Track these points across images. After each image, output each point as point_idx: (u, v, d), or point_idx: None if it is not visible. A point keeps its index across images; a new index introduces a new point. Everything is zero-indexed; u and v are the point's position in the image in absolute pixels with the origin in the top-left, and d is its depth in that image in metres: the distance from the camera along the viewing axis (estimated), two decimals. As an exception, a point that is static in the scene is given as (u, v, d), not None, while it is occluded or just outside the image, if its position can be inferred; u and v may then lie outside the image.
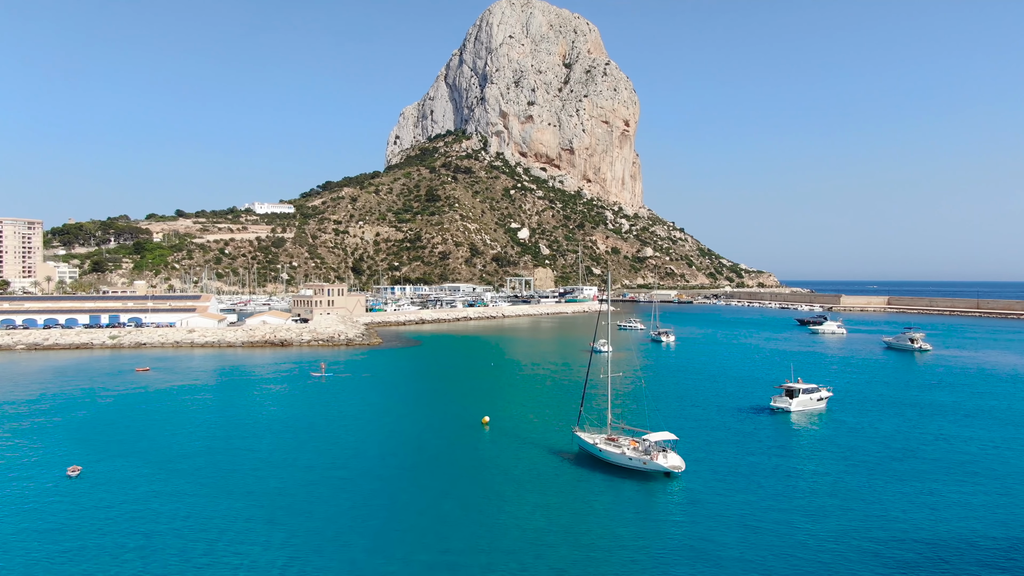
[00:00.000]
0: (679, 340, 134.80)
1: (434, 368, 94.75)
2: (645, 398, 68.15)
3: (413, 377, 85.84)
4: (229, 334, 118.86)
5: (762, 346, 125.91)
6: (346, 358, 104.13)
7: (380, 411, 63.83)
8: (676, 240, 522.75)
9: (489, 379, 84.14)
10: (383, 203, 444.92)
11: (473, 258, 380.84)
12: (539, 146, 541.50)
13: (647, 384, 75.62)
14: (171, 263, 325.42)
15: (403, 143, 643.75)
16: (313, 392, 74.10)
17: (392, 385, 79.18)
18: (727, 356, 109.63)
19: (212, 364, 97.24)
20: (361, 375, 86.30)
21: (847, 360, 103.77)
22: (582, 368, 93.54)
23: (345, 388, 76.55)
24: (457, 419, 60.08)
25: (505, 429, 56.27)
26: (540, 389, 76.71)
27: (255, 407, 65.58)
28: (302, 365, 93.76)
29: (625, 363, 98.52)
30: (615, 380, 75.20)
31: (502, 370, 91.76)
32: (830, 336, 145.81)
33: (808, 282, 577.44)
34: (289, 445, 51.00)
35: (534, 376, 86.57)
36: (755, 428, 56.78)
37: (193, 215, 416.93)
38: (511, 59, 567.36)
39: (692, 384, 79.94)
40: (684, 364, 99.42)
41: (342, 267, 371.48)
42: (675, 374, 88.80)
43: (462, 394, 73.27)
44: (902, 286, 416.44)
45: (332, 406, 66.15)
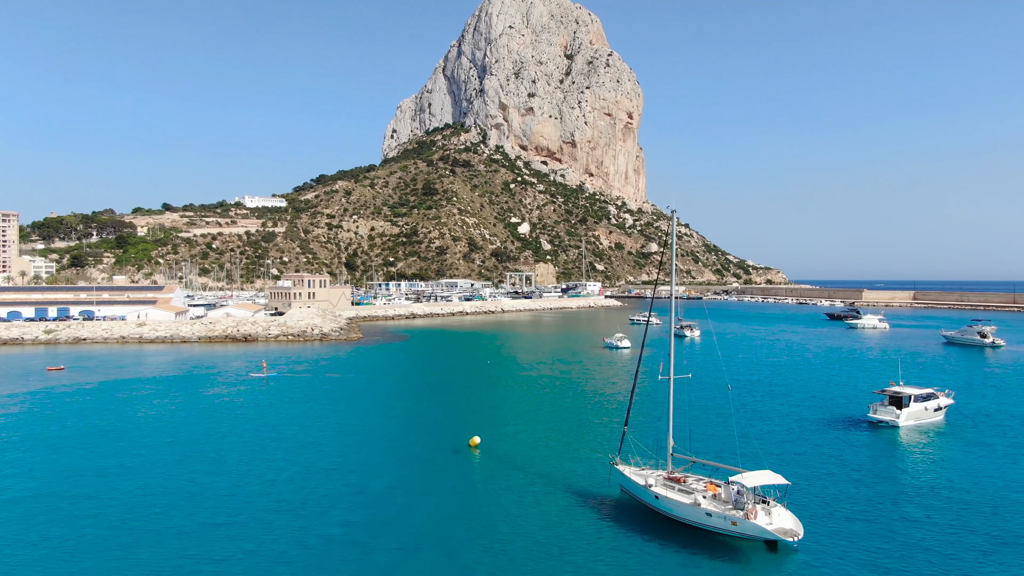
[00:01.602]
0: (704, 335, 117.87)
1: (417, 368, 77.82)
2: (698, 409, 51.18)
3: (389, 379, 68.69)
4: (184, 328, 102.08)
5: (800, 341, 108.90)
6: (314, 356, 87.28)
7: (329, 427, 46.75)
8: (681, 236, 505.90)
9: (483, 382, 67.02)
10: (378, 197, 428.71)
11: (471, 253, 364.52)
12: (540, 139, 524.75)
13: (691, 390, 58.11)
14: (155, 258, 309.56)
15: (400, 137, 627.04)
16: (247, 398, 57.38)
17: (359, 390, 62.22)
18: (767, 353, 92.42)
19: (147, 362, 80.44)
20: (325, 376, 69.33)
21: (913, 358, 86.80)
22: (597, 368, 76.73)
23: (294, 393, 59.90)
24: (436, 439, 43.29)
25: (502, 456, 39.49)
26: (548, 396, 59.45)
27: (156, 419, 48.77)
28: (258, 363, 77.11)
29: (646, 359, 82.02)
30: (649, 386, 58.35)
31: (499, 371, 74.68)
32: (871, 331, 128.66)
33: (818, 280, 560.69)
34: (169, 480, 34.35)
35: (540, 378, 69.48)
36: (864, 453, 39.77)
37: (180, 209, 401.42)
38: (511, 50, 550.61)
39: (743, 389, 62.87)
40: (720, 363, 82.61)
41: (335, 262, 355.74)
42: (715, 375, 71.95)
43: (447, 403, 56.17)
44: (906, 284, 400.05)
45: (264, 418, 49.36)
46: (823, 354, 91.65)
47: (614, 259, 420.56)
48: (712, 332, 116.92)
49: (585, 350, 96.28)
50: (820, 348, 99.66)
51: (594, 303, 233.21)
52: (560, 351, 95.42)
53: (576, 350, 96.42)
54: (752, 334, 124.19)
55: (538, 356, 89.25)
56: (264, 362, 71.48)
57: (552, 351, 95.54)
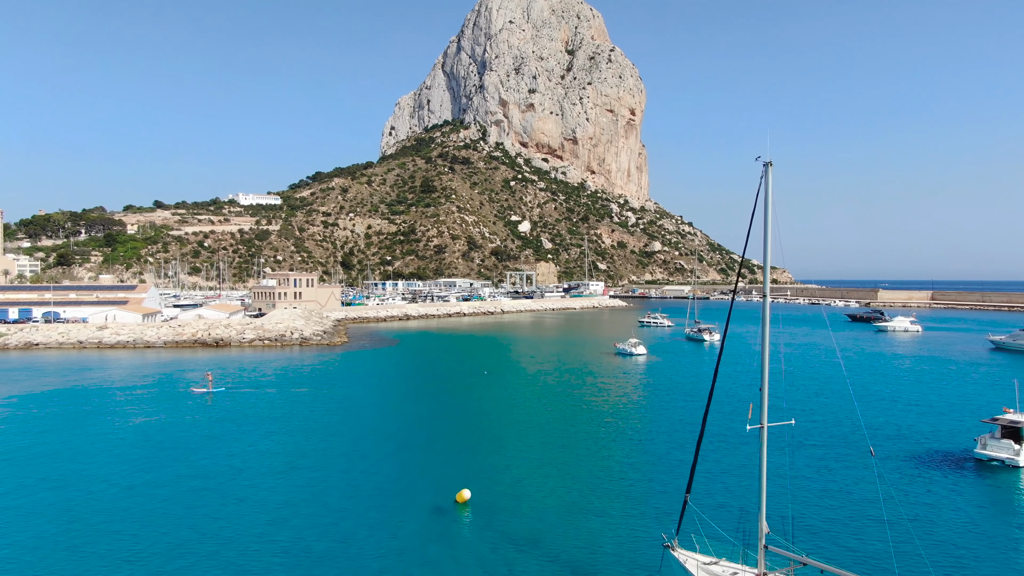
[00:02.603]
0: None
1: (402, 381, 67.03)
2: (806, 468, 39.74)
3: (365, 398, 57.52)
4: (149, 332, 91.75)
5: (831, 347, 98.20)
6: (285, 364, 76.72)
7: (261, 472, 35.43)
8: (685, 234, 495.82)
9: (478, 402, 55.96)
10: (376, 194, 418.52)
11: (471, 252, 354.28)
12: (540, 136, 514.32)
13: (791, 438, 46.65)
14: (144, 256, 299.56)
15: (399, 134, 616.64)
16: (170, 423, 46.51)
17: (324, 412, 51.13)
18: (802, 361, 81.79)
19: (90, 371, 69.83)
20: (288, 391, 58.65)
21: (972, 369, 76.32)
22: (612, 381, 65.95)
23: (238, 416, 48.87)
24: (411, 492, 32.41)
25: (500, 521, 28.74)
26: (558, 424, 47.87)
27: (12, 456, 38.33)
28: (224, 372, 66.63)
29: (668, 370, 71.64)
30: (720, 430, 47.67)
31: (498, 385, 63.86)
32: (903, 335, 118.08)
33: (824, 280, 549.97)
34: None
35: (545, 396, 58.66)
36: (988, 512, 29.64)
37: (172, 206, 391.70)
38: (511, 45, 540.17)
39: (797, 408, 52.10)
40: (755, 373, 72.11)
41: (331, 261, 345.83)
42: (753, 390, 61.38)
43: (432, 434, 44.68)
44: (922, 284, 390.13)
45: (172, 460, 38.19)
46: (867, 364, 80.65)
47: (616, 258, 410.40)
48: (736, 335, 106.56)
49: (594, 357, 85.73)
50: (858, 356, 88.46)
51: (598, 303, 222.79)
52: (566, 359, 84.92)
53: (584, 358, 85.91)
54: (777, 339, 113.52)
55: (541, 365, 78.78)
56: (209, 374, 60.59)
57: (557, 359, 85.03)
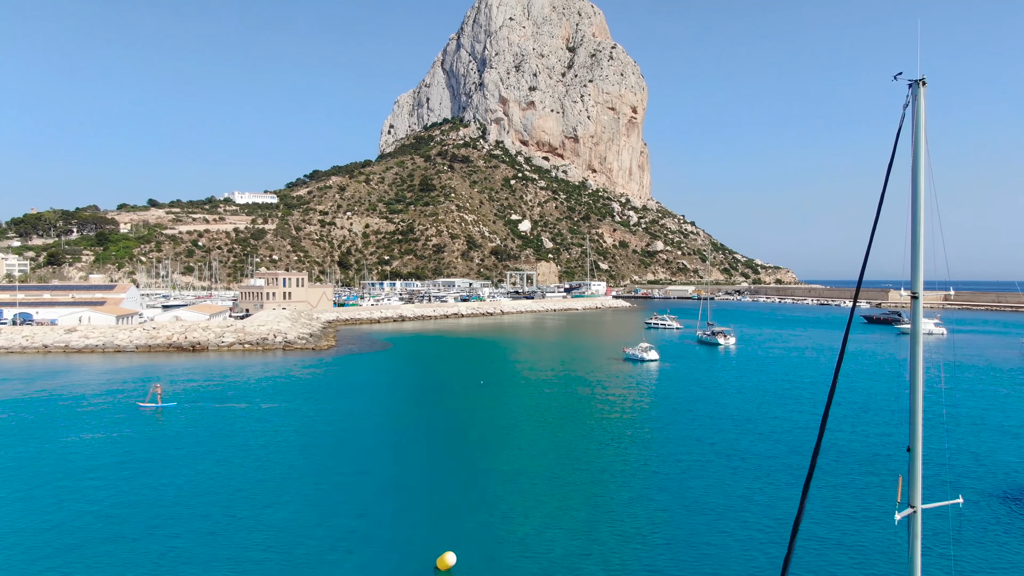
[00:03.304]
0: (739, 342, 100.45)
1: (388, 393, 60.11)
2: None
3: (341, 416, 49.21)
4: (121, 335, 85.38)
5: (862, 353, 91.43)
6: (261, 372, 70.18)
7: (200, 510, 28.93)
8: (688, 234, 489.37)
9: (471, 419, 48.75)
10: (374, 193, 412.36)
11: (470, 251, 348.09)
12: (541, 134, 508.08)
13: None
14: (137, 256, 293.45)
15: (398, 132, 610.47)
16: (110, 444, 39.83)
17: (289, 434, 43.58)
18: (863, 375, 73.37)
19: (42, 377, 63.29)
20: (257, 406, 51.74)
21: (1019, 377, 69.83)
22: (626, 394, 59.22)
23: (187, 436, 42.01)
24: (380, 544, 25.74)
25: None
26: (566, 454, 39.48)
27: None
28: (191, 381, 60.09)
29: (685, 380, 65.18)
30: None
31: (495, 398, 56.94)
32: (926, 337, 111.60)
33: (828, 280, 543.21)
34: None
35: (550, 412, 51.46)
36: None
37: (167, 205, 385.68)
38: (511, 42, 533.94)
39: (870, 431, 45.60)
40: (785, 384, 65.59)
41: (327, 261, 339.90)
42: (801, 404, 54.73)
43: (413, 464, 36.83)
44: (934, 284, 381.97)
45: (108, 484, 31.77)
46: (897, 370, 74.05)
47: (618, 258, 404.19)
48: (752, 338, 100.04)
49: (602, 365, 79.15)
50: (897, 366, 79.90)
51: (601, 304, 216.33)
52: (570, 366, 78.34)
53: (590, 365, 79.36)
54: (793, 341, 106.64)
55: (543, 374, 72.27)
56: (158, 386, 53.48)
57: (560, 366, 78.46)
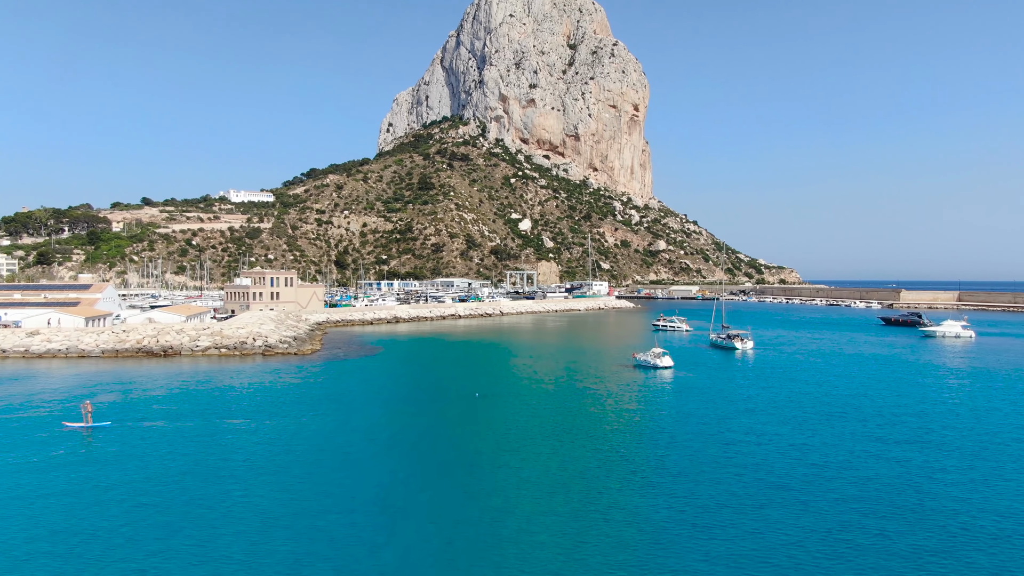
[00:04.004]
0: (758, 347, 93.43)
1: (370, 407, 53.00)
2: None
3: (309, 434, 42.75)
4: (88, 339, 78.94)
5: (893, 359, 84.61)
6: (232, 379, 63.62)
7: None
8: (690, 233, 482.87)
9: (464, 441, 41.90)
10: (371, 191, 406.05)
11: (469, 251, 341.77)
12: (542, 132, 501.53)
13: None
14: (129, 255, 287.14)
15: (396, 131, 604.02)
16: (17, 473, 33.67)
17: (241, 465, 36.80)
18: (879, 378, 67.02)
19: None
20: (213, 423, 45.05)
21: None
22: (640, 409, 52.69)
23: (113, 464, 35.84)
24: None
25: None
26: (571, 480, 33.79)
27: None
28: (145, 392, 53.56)
29: (704, 391, 58.72)
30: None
31: (493, 414, 50.28)
32: (954, 341, 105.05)
33: (833, 280, 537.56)
34: None
35: (554, 431, 44.90)
36: None
37: (161, 204, 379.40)
38: (512, 39, 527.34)
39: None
40: (822, 397, 58.99)
41: (324, 260, 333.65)
42: (848, 423, 48.16)
43: (390, 505, 30.41)
44: (947, 285, 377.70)
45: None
46: (968, 386, 63.76)
47: (620, 257, 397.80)
48: (769, 342, 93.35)
49: (610, 372, 72.59)
50: (942, 375, 71.77)
51: (604, 304, 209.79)
52: (575, 374, 71.82)
53: (597, 372, 72.80)
54: (821, 347, 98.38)
55: (546, 383, 65.75)
56: (89, 404, 46.66)
57: (564, 374, 71.94)
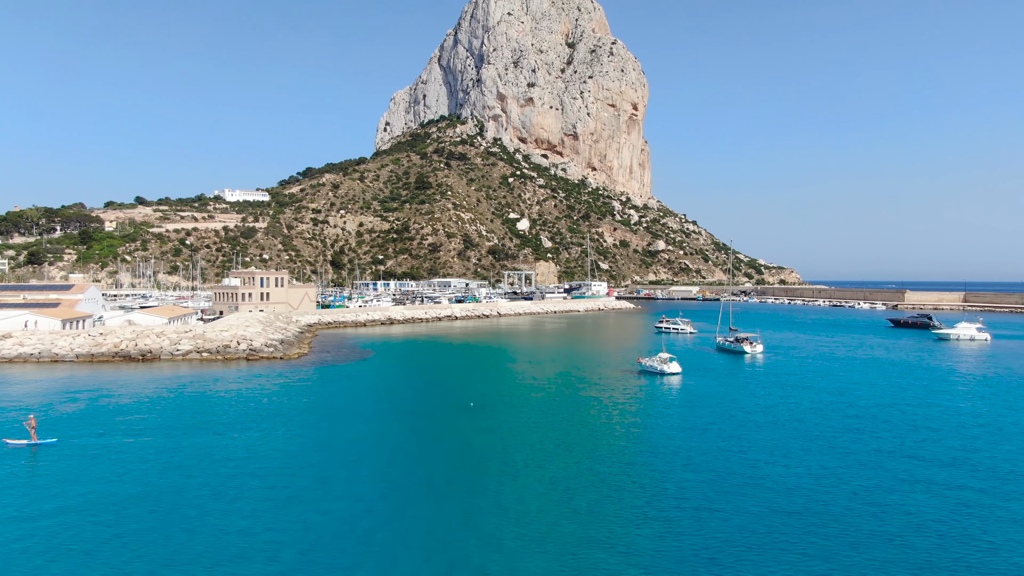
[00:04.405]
0: (768, 351, 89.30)
1: (354, 420, 48.56)
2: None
3: (283, 455, 38.05)
4: (62, 343, 74.84)
5: (908, 362, 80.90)
6: (207, 386, 59.44)
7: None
8: (690, 233, 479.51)
9: (453, 458, 37.65)
10: (368, 191, 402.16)
11: (467, 251, 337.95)
12: (540, 131, 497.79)
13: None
14: (122, 255, 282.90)
15: (393, 130, 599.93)
16: None
17: (199, 490, 32.48)
18: (902, 386, 62.59)
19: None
20: (178, 440, 40.77)
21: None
22: (649, 423, 48.65)
23: (51, 492, 31.84)
24: None
25: None
26: (583, 510, 29.59)
27: None
28: (110, 400, 49.41)
29: (717, 400, 54.82)
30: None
31: (487, 426, 46.05)
32: (969, 344, 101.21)
33: (832, 281, 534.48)
34: None
35: (556, 448, 40.63)
36: None
37: (155, 203, 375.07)
38: (509, 38, 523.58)
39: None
40: (847, 409, 55.05)
41: (320, 260, 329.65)
42: (880, 439, 44.17)
43: (361, 539, 26.82)
44: (952, 285, 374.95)
45: None
46: (1002, 396, 58.38)
47: (619, 257, 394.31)
48: (778, 346, 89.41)
49: (613, 379, 68.50)
50: (969, 382, 66.68)
51: (603, 305, 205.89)
52: (576, 381, 67.72)
53: (600, 379, 68.75)
54: (834, 351, 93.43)
55: (545, 391, 61.72)
56: (32, 418, 42.49)
57: (564, 380, 67.92)
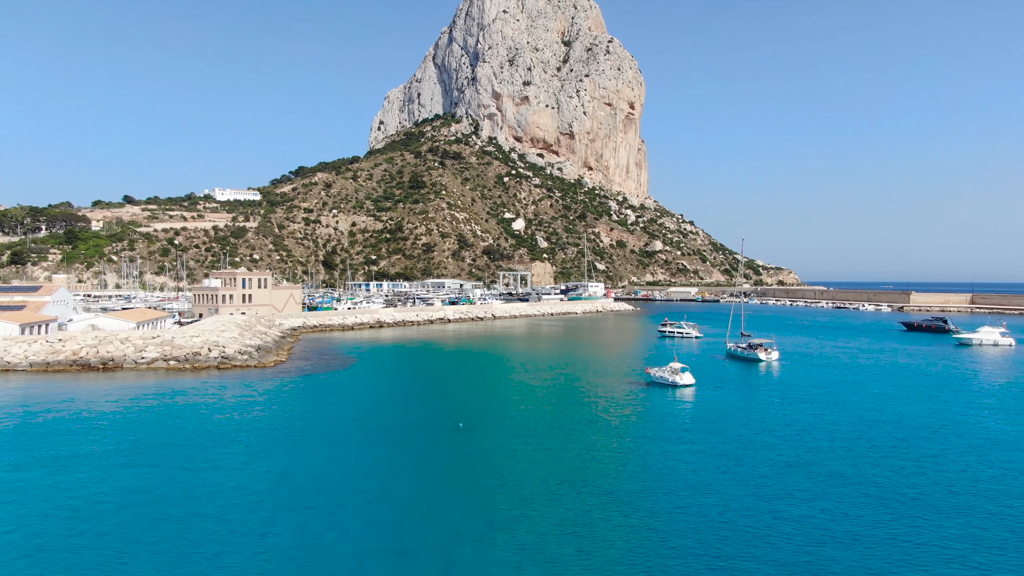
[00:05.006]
0: (783, 358, 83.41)
1: (317, 445, 42.24)
2: None
3: (221, 495, 32.16)
4: (16, 350, 68.61)
5: (940, 372, 75.04)
6: (163, 401, 53.16)
7: None
8: (687, 233, 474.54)
9: (432, 505, 31.78)
10: (361, 190, 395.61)
11: (461, 251, 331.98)
12: (535, 130, 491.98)
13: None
14: (108, 255, 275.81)
15: (388, 129, 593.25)
16: None
17: (107, 546, 27.63)
18: (946, 400, 56.72)
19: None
20: (113, 473, 34.84)
21: None
22: (666, 445, 42.84)
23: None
24: None
25: None
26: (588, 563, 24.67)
27: None
28: (47, 420, 43.21)
29: (738, 416, 49.10)
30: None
31: (478, 454, 40.28)
32: (993, 350, 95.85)
33: (831, 282, 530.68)
34: None
35: (560, 484, 35.22)
36: None
37: (143, 202, 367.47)
38: (505, 36, 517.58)
39: None
40: (889, 427, 49.30)
41: (312, 260, 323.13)
42: (945, 469, 38.27)
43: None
44: (958, 287, 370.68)
45: None
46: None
47: (616, 258, 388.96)
48: (793, 352, 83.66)
49: (621, 391, 62.38)
50: (1019, 397, 60.23)
51: (602, 307, 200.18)
52: (579, 395, 61.67)
53: (606, 391, 62.78)
54: (855, 358, 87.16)
55: (544, 408, 55.74)
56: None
57: (566, 393, 61.99)
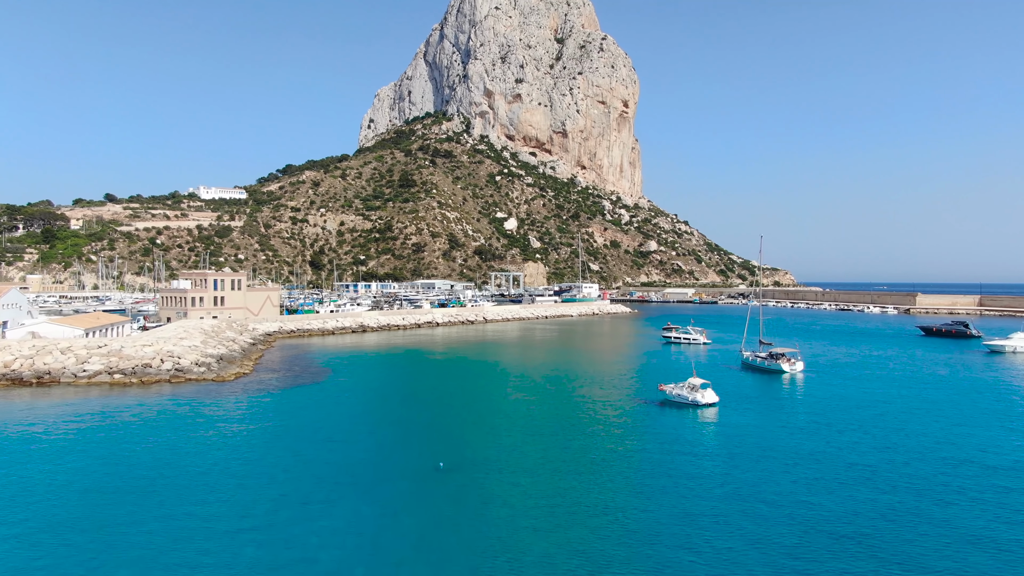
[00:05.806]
0: (808, 369, 75.79)
1: (263, 489, 34.42)
2: None
3: (129, 559, 24.55)
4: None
5: (986, 383, 67.59)
6: (101, 425, 45.10)
7: None
8: (682, 234, 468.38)
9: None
10: (350, 189, 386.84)
11: (452, 251, 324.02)
12: (528, 128, 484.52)
13: None
14: (87, 254, 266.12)
15: (378, 127, 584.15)
16: None
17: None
18: (1012, 416, 50.58)
19: None
20: (10, 531, 27.22)
21: None
22: (693, 478, 34.94)
23: None
24: None
25: None
26: None
27: None
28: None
29: (783, 447, 41.53)
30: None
31: (459, 510, 32.18)
32: (1014, 357, 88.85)
33: (827, 283, 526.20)
34: None
35: (568, 551, 27.90)
36: None
37: (125, 200, 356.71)
38: (497, 33, 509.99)
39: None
40: (977, 456, 41.65)
41: (299, 260, 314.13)
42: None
43: None
44: (964, 288, 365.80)
45: None
46: None
47: (610, 258, 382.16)
48: (816, 362, 76.22)
49: (632, 412, 54.23)
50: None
51: (598, 309, 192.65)
52: (584, 417, 53.22)
53: (614, 412, 54.72)
54: (885, 368, 79.60)
55: (543, 436, 47.71)
56: None
57: (568, 417, 53.76)
